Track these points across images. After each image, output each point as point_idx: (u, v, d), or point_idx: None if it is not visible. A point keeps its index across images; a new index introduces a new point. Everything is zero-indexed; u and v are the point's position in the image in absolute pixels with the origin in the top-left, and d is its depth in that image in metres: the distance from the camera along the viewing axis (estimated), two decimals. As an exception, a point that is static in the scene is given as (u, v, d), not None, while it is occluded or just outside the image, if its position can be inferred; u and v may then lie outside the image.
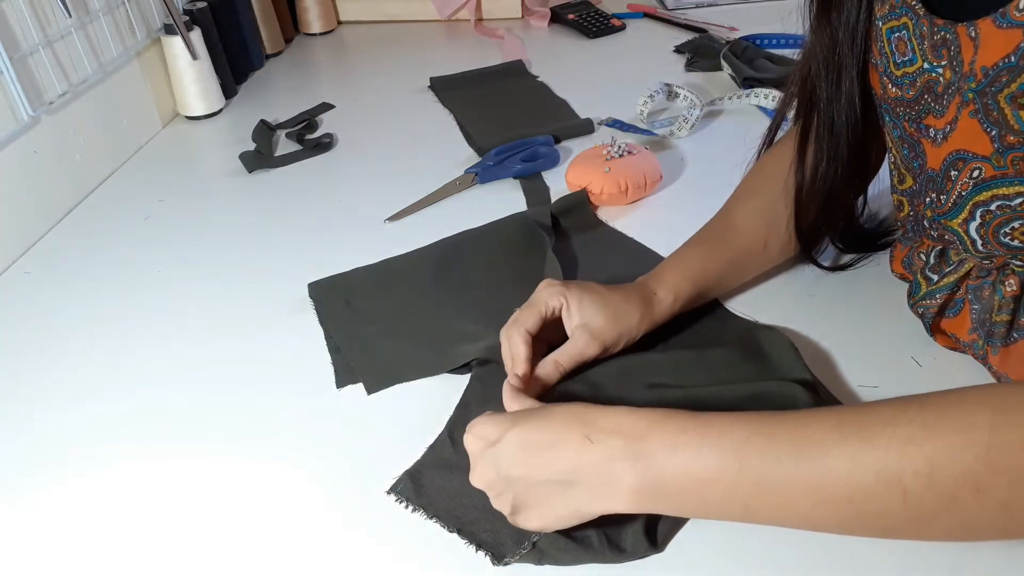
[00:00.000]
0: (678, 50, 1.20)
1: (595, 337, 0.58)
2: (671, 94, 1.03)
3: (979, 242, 0.54)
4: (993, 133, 0.49)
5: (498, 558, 0.49)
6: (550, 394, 0.59)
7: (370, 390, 0.63)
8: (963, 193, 0.52)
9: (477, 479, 0.49)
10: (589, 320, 0.58)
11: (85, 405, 0.64)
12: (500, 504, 0.49)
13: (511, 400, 0.54)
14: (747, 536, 0.49)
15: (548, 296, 0.59)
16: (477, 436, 0.49)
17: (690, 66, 1.15)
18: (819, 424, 0.42)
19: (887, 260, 0.70)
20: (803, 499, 0.41)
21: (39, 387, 0.66)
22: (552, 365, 0.58)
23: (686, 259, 0.65)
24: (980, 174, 0.51)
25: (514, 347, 0.58)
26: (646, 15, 1.35)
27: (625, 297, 0.60)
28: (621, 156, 0.84)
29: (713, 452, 0.43)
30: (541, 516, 0.47)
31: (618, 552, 0.48)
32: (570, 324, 0.59)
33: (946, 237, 0.56)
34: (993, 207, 0.51)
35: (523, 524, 0.48)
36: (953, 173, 0.53)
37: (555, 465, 0.45)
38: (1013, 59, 0.45)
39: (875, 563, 0.47)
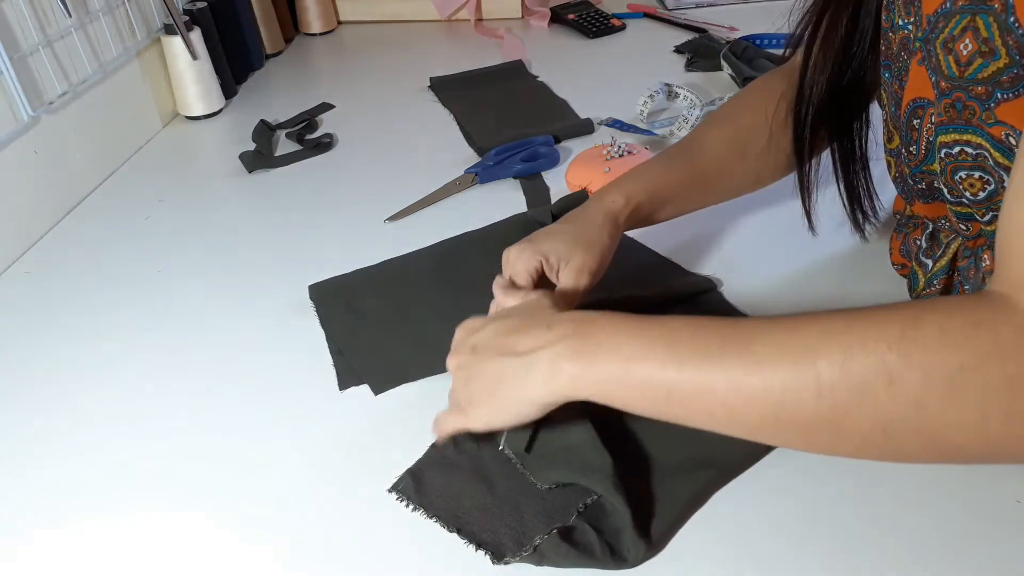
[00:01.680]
0: (678, 50, 1.20)
1: (583, 271, 0.60)
2: (671, 94, 1.03)
3: (946, 190, 0.54)
4: (933, 79, 0.50)
5: (498, 557, 0.49)
6: None
7: (376, 391, 0.63)
8: (929, 139, 0.53)
9: (451, 361, 0.53)
10: (570, 262, 0.60)
11: (85, 405, 0.64)
12: (460, 393, 0.51)
13: (503, 295, 0.57)
14: (746, 537, 0.49)
15: (517, 259, 0.61)
16: (465, 327, 0.53)
17: (690, 66, 1.15)
18: (751, 323, 0.44)
19: (887, 255, 0.70)
20: (723, 388, 0.42)
21: (38, 387, 0.66)
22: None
23: (644, 170, 0.68)
24: (933, 119, 0.52)
25: (517, 274, 0.60)
26: (646, 15, 1.35)
27: (582, 221, 0.63)
28: (621, 156, 0.85)
29: (648, 337, 0.45)
30: (490, 404, 0.49)
31: (620, 561, 0.48)
32: (552, 273, 0.61)
33: (935, 184, 0.57)
34: (942, 154, 0.52)
35: (473, 418, 0.50)
36: (915, 121, 0.54)
37: (519, 345, 0.48)
38: (948, 5, 0.46)
39: (873, 563, 0.47)
